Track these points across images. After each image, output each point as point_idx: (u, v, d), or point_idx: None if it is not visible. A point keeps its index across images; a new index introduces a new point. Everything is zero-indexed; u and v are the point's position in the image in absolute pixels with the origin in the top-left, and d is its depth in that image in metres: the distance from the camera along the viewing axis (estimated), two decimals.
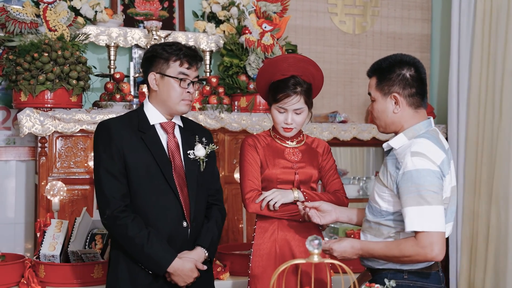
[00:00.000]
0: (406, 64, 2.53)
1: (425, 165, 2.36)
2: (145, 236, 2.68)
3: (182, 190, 2.78)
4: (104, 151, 2.74)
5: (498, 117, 4.23)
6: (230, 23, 4.48)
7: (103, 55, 4.50)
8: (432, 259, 2.36)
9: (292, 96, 2.91)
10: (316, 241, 1.81)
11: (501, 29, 4.25)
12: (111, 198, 2.70)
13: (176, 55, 2.78)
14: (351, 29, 5.09)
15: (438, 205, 2.35)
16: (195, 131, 2.95)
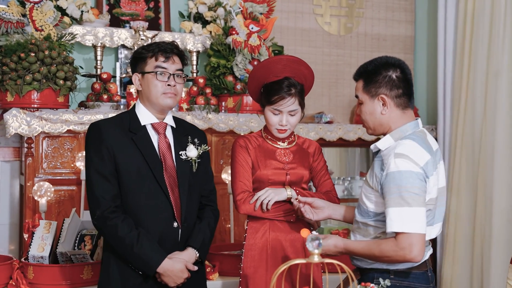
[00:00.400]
0: (391, 65, 2.55)
1: (407, 166, 2.38)
2: (135, 236, 2.68)
3: (173, 190, 2.79)
4: (95, 152, 2.75)
5: (482, 118, 4.29)
6: (216, 24, 4.48)
7: (89, 55, 4.48)
8: (411, 260, 2.38)
9: (287, 98, 2.93)
10: (316, 241, 1.83)
11: (484, 30, 4.31)
12: (101, 199, 2.70)
13: (152, 51, 2.80)
14: (336, 30, 5.13)
15: (419, 207, 2.37)
16: (188, 131, 2.95)
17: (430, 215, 2.50)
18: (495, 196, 4.15)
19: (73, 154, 3.98)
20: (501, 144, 4.16)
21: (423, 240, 2.39)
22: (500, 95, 4.17)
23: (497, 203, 4.14)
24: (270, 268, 2.95)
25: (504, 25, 4.18)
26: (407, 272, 2.51)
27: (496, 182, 4.13)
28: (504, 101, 4.16)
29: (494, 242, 4.14)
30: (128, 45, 4.35)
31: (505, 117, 4.16)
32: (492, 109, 4.21)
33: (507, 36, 4.17)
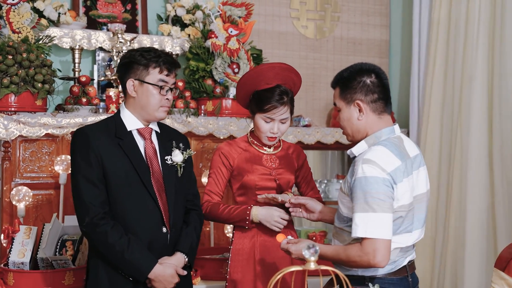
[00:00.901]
0: (366, 71, 2.59)
1: (373, 172, 2.40)
2: (125, 242, 2.68)
3: (161, 196, 2.79)
4: (82, 158, 2.73)
5: (457, 122, 4.37)
6: (195, 27, 4.48)
7: (66, 57, 4.43)
8: (375, 265, 2.40)
9: (280, 107, 2.95)
10: (313, 249, 1.85)
11: (459, 36, 4.38)
12: (90, 205, 2.69)
13: (156, 62, 2.78)
14: (313, 33, 5.16)
15: (384, 213, 2.38)
16: (172, 136, 2.95)
17: (405, 222, 2.50)
18: (469, 198, 4.23)
19: (51, 158, 3.93)
20: (475, 147, 4.24)
21: (388, 245, 2.40)
22: (475, 99, 4.24)
23: (470, 204, 4.22)
24: (258, 273, 2.97)
25: (478, 30, 4.26)
26: (382, 278, 2.53)
27: (470, 184, 4.21)
28: (479, 105, 4.24)
29: (468, 243, 4.22)
30: (106, 47, 4.32)
31: (479, 121, 4.24)
32: (467, 113, 4.29)
33: (480, 40, 4.24)
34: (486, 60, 4.24)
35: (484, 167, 4.22)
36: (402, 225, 2.50)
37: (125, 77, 2.83)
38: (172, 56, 2.87)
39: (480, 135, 4.23)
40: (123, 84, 2.84)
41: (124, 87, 2.84)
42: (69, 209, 3.85)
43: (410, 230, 2.54)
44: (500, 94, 4.13)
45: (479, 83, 4.25)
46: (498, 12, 4.16)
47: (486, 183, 4.22)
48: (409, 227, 2.53)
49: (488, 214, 4.22)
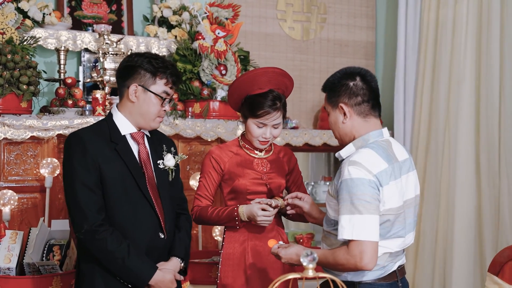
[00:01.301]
0: (350, 75, 2.58)
1: (359, 174, 2.38)
2: (125, 249, 2.63)
3: (156, 201, 2.75)
4: (79, 164, 2.66)
5: (444, 125, 4.38)
6: (182, 28, 4.44)
7: (50, 58, 4.38)
8: (362, 268, 2.38)
9: (273, 112, 2.93)
10: (310, 256, 1.83)
11: (447, 39, 4.40)
12: (88, 212, 2.63)
13: (163, 73, 2.73)
14: (299, 35, 5.15)
15: (370, 215, 2.36)
16: (161, 140, 2.92)
17: (395, 226, 2.47)
18: (457, 201, 4.24)
19: (36, 161, 3.87)
20: (463, 150, 4.25)
21: (375, 247, 2.38)
22: (462, 102, 4.26)
23: (459, 207, 4.23)
24: (249, 277, 2.94)
25: (466, 34, 4.27)
26: (372, 283, 2.50)
27: (458, 186, 4.23)
28: (466, 108, 4.26)
29: (456, 245, 4.23)
30: (92, 49, 4.27)
31: (467, 124, 4.25)
32: (454, 116, 4.30)
33: (469, 44, 4.26)
34: (474, 64, 4.26)
35: (471, 170, 4.24)
36: (392, 229, 2.48)
37: (127, 81, 2.75)
38: (177, 69, 2.85)
39: (467, 138, 4.24)
40: (122, 87, 2.78)
41: (123, 89, 2.78)
42: (54, 213, 3.81)
43: (402, 235, 2.51)
44: (487, 97, 4.15)
45: (467, 86, 4.27)
46: (485, 16, 4.18)
47: (473, 185, 4.23)
48: (400, 232, 2.51)
49: (475, 216, 4.23)
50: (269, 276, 2.97)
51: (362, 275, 2.49)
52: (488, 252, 4.12)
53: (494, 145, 4.11)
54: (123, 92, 2.78)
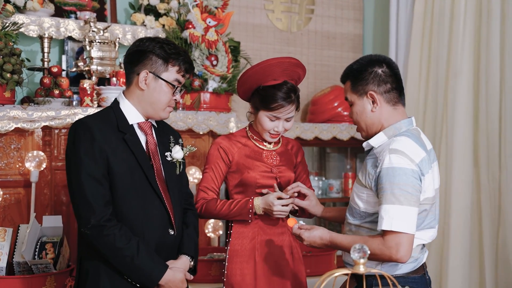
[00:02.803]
0: (376, 62, 2.52)
1: (402, 163, 2.32)
2: (135, 247, 2.47)
3: (165, 195, 2.60)
4: (86, 153, 2.48)
5: (441, 118, 4.32)
6: (170, 16, 4.27)
7: (31, 46, 4.15)
8: (397, 260, 2.31)
9: (288, 106, 2.81)
10: (362, 250, 1.71)
11: (444, 31, 4.33)
12: (95, 205, 2.45)
13: (176, 60, 2.58)
14: (287, 27, 5.04)
15: (411, 206, 2.30)
16: (168, 132, 2.77)
17: (429, 216, 2.44)
18: (454, 195, 4.19)
19: (20, 154, 3.65)
20: (460, 143, 4.20)
21: (411, 241, 2.32)
22: (460, 95, 4.20)
23: (455, 201, 4.17)
24: (259, 275, 2.81)
25: (464, 26, 4.21)
26: (405, 277, 2.44)
27: (455, 181, 4.17)
28: (464, 101, 4.20)
29: (452, 240, 4.18)
30: (76, 37, 4.06)
31: (464, 117, 4.19)
32: (452, 109, 4.24)
33: (467, 35, 4.20)
34: (472, 56, 4.20)
35: (469, 164, 4.19)
36: (426, 219, 2.43)
37: (137, 67, 2.58)
38: (190, 57, 2.68)
39: (465, 131, 4.18)
40: (131, 73, 2.60)
41: (131, 76, 2.61)
42: (40, 209, 3.60)
43: (433, 225, 2.47)
44: (486, 90, 4.10)
45: (465, 79, 4.20)
46: (485, 6, 4.12)
47: (471, 179, 4.18)
48: (432, 222, 2.47)
49: (472, 210, 4.18)
50: (278, 273, 2.84)
51: (396, 268, 2.42)
52: (488, 248, 4.07)
53: (494, 139, 4.05)
54: (132, 79, 2.61)
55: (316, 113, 4.77)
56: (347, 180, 4.85)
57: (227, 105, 4.20)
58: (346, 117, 4.75)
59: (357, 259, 1.71)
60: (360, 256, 1.71)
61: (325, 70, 5.15)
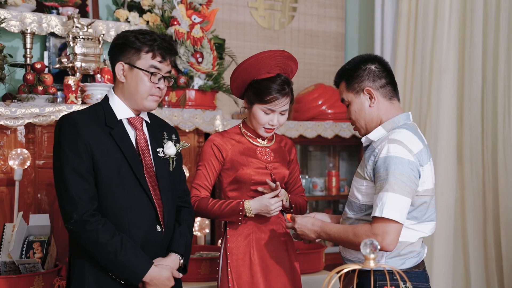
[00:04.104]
0: (368, 59, 2.57)
1: (399, 152, 2.34)
2: (118, 242, 2.42)
3: (154, 191, 2.55)
4: (70, 149, 2.44)
5: (426, 115, 4.34)
6: (155, 13, 4.22)
7: (12, 42, 4.06)
8: (382, 248, 2.32)
9: (282, 98, 2.78)
10: (372, 245, 1.69)
11: (428, 29, 4.35)
12: (79, 200, 2.41)
13: (150, 46, 2.53)
14: (270, 24, 5.02)
15: (403, 196, 2.31)
16: (162, 127, 2.72)
17: (430, 208, 2.46)
18: (438, 192, 4.21)
19: (2, 152, 3.57)
20: (444, 140, 4.22)
21: (399, 230, 2.33)
22: (444, 92, 4.23)
23: (440, 199, 4.20)
24: (255, 273, 2.78)
25: (449, 22, 4.24)
26: (408, 272, 2.45)
27: (440, 178, 4.19)
28: (449, 98, 4.23)
29: (436, 237, 4.20)
30: (59, 33, 3.98)
31: (448, 114, 4.22)
32: (436, 106, 4.26)
33: (452, 32, 4.23)
34: (457, 53, 4.23)
35: (452, 161, 4.22)
36: (427, 212, 2.45)
37: (115, 60, 2.56)
38: (170, 42, 2.61)
39: (449, 129, 4.21)
40: (113, 67, 2.58)
41: (113, 70, 2.58)
42: (24, 208, 3.52)
43: (434, 218, 2.49)
44: (470, 88, 4.13)
45: (450, 76, 4.23)
46: (469, 3, 4.16)
47: (455, 176, 4.21)
48: (433, 215, 2.49)
49: (456, 207, 4.21)
50: (273, 269, 2.82)
51: (401, 263, 2.43)
52: (472, 244, 4.10)
53: (477, 136, 4.09)
54: (114, 73, 2.58)
55: (300, 111, 4.76)
56: (331, 178, 4.86)
57: (212, 102, 4.17)
58: (330, 115, 4.76)
59: (367, 254, 1.70)
60: (370, 251, 1.69)
61: (308, 68, 5.15)
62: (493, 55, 4.02)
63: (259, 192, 2.82)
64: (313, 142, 4.82)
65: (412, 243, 2.44)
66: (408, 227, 2.41)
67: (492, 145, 4.01)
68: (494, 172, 3.99)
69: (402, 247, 2.42)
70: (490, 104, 4.03)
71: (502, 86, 3.95)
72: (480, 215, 4.09)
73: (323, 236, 2.53)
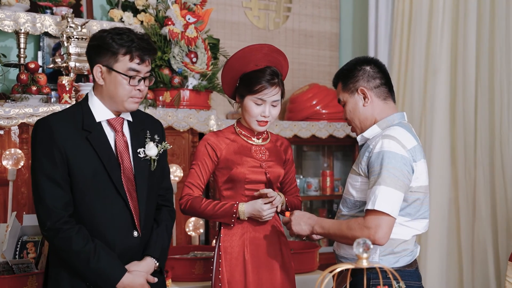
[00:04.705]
0: (364, 61, 2.62)
1: (393, 147, 2.37)
2: (91, 249, 2.39)
3: (131, 195, 2.50)
4: (44, 155, 2.41)
5: (420, 116, 4.35)
6: (149, 13, 4.21)
7: (5, 42, 4.06)
8: (374, 241, 2.33)
9: (271, 88, 2.78)
10: (365, 244, 1.69)
11: (422, 29, 4.36)
12: (53, 208, 2.38)
13: (127, 48, 2.43)
14: (265, 24, 5.03)
15: (396, 190, 2.33)
16: (146, 125, 2.63)
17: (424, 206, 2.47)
18: (432, 192, 4.20)
19: None
20: (438, 142, 4.24)
21: (391, 224, 2.35)
22: (438, 93, 4.24)
23: (433, 198, 4.20)
24: (249, 272, 2.77)
25: (442, 23, 4.25)
26: (402, 270, 2.46)
27: (433, 178, 4.20)
28: (442, 99, 4.24)
29: (430, 237, 4.21)
30: (53, 33, 3.97)
31: (442, 114, 4.23)
32: (430, 106, 4.27)
33: (445, 33, 4.24)
34: (450, 53, 4.24)
35: (446, 161, 4.23)
36: (421, 209, 2.47)
37: (93, 61, 2.49)
38: (148, 41, 2.51)
39: (443, 129, 4.23)
40: (91, 69, 2.50)
41: (92, 72, 2.51)
42: (17, 208, 3.52)
43: (427, 216, 2.51)
44: (463, 88, 4.14)
45: (444, 76, 4.24)
46: (462, 5, 4.17)
47: (449, 177, 4.22)
48: (426, 213, 2.50)
49: (450, 208, 4.22)
50: (268, 269, 2.81)
51: (394, 261, 2.45)
52: (465, 244, 4.11)
53: (470, 137, 4.10)
54: (93, 76, 2.51)
55: (295, 111, 4.77)
56: (325, 178, 4.86)
57: (207, 102, 4.17)
58: (324, 115, 4.76)
59: (360, 254, 1.70)
60: (363, 250, 1.69)
61: (302, 68, 5.16)
62: (488, 55, 4.03)
63: (253, 191, 2.82)
64: (308, 142, 4.82)
65: (406, 240, 2.46)
66: (402, 224, 2.42)
67: (487, 145, 4.02)
68: (491, 172, 4.00)
69: (395, 244, 2.44)
70: (486, 104, 4.03)
71: (499, 87, 3.96)
72: (473, 215, 4.10)
73: (317, 230, 2.54)
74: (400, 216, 2.40)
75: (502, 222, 3.92)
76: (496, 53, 3.97)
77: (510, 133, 3.90)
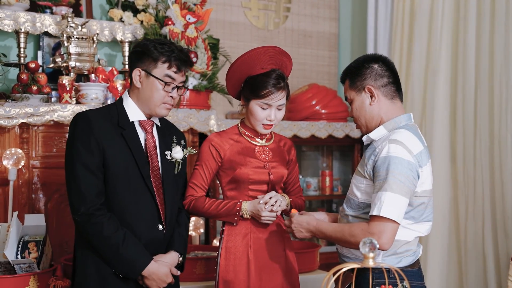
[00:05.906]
0: (373, 59, 2.60)
1: (399, 153, 2.36)
2: (121, 236, 2.56)
3: (158, 191, 2.69)
4: (82, 144, 2.59)
5: (421, 116, 4.36)
6: (149, 13, 4.21)
7: (5, 41, 4.05)
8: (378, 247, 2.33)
9: (277, 92, 2.78)
10: (371, 244, 1.70)
11: (422, 29, 4.37)
12: (87, 194, 2.57)
13: (167, 57, 2.67)
14: (264, 25, 5.03)
15: (401, 196, 2.33)
16: (172, 132, 2.86)
17: (428, 209, 2.47)
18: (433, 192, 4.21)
19: None
20: (439, 141, 4.25)
21: (395, 230, 2.34)
22: (438, 93, 4.25)
23: (434, 198, 4.18)
24: (252, 272, 2.78)
25: (442, 23, 4.26)
26: (405, 270, 2.46)
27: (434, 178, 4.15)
28: (442, 99, 4.25)
29: (430, 236, 4.22)
30: (53, 32, 3.97)
31: (442, 116, 4.25)
32: (430, 107, 4.28)
33: (445, 34, 4.25)
34: (450, 53, 4.26)
35: (446, 161, 4.24)
36: (425, 212, 2.47)
37: (133, 65, 2.71)
38: (187, 54, 2.76)
39: (443, 129, 4.24)
40: (130, 72, 2.72)
41: (131, 75, 2.72)
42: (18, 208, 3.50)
43: (431, 219, 2.51)
44: (463, 88, 4.15)
45: (443, 76, 4.26)
46: (462, 5, 4.18)
47: (449, 176, 4.23)
48: (430, 216, 2.50)
49: (450, 207, 4.23)
50: (271, 270, 2.82)
51: (397, 261, 2.45)
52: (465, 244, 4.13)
53: (469, 137, 4.11)
54: (131, 78, 2.72)
55: (294, 111, 4.78)
56: (324, 178, 4.87)
57: (207, 102, 4.17)
58: (324, 115, 4.77)
59: (366, 253, 1.71)
60: (369, 250, 1.70)
61: (302, 68, 5.17)
62: (488, 55, 4.04)
63: (257, 192, 2.83)
64: (307, 142, 4.83)
65: (409, 242, 2.46)
66: (405, 226, 2.42)
67: (487, 146, 4.03)
68: (491, 172, 4.01)
69: (398, 245, 2.44)
70: (486, 104, 4.05)
71: (499, 86, 3.97)
72: (473, 214, 4.11)
73: (318, 235, 2.55)
74: (404, 219, 2.39)
75: (502, 221, 3.93)
76: (496, 53, 3.98)
77: (509, 133, 3.91)
